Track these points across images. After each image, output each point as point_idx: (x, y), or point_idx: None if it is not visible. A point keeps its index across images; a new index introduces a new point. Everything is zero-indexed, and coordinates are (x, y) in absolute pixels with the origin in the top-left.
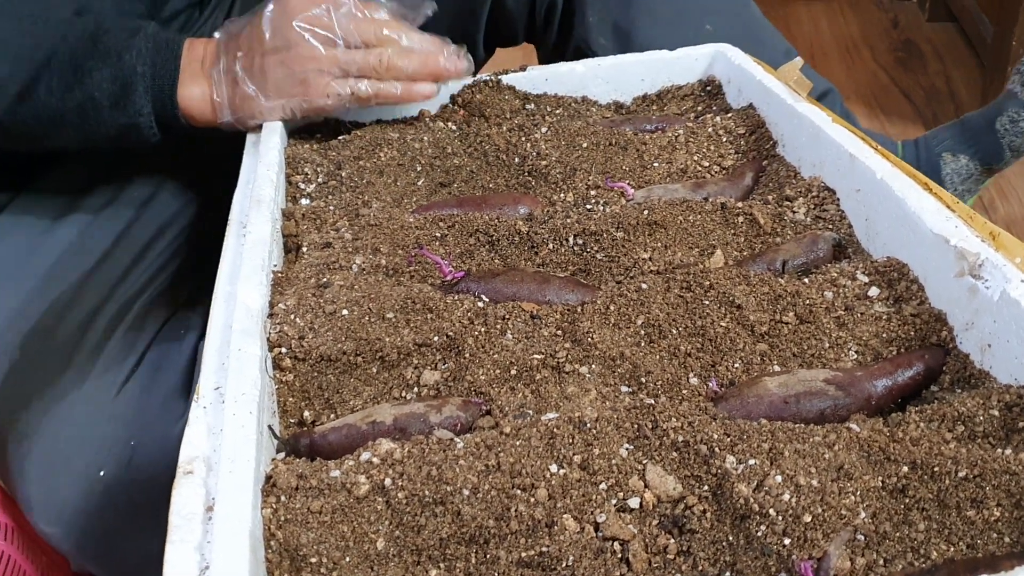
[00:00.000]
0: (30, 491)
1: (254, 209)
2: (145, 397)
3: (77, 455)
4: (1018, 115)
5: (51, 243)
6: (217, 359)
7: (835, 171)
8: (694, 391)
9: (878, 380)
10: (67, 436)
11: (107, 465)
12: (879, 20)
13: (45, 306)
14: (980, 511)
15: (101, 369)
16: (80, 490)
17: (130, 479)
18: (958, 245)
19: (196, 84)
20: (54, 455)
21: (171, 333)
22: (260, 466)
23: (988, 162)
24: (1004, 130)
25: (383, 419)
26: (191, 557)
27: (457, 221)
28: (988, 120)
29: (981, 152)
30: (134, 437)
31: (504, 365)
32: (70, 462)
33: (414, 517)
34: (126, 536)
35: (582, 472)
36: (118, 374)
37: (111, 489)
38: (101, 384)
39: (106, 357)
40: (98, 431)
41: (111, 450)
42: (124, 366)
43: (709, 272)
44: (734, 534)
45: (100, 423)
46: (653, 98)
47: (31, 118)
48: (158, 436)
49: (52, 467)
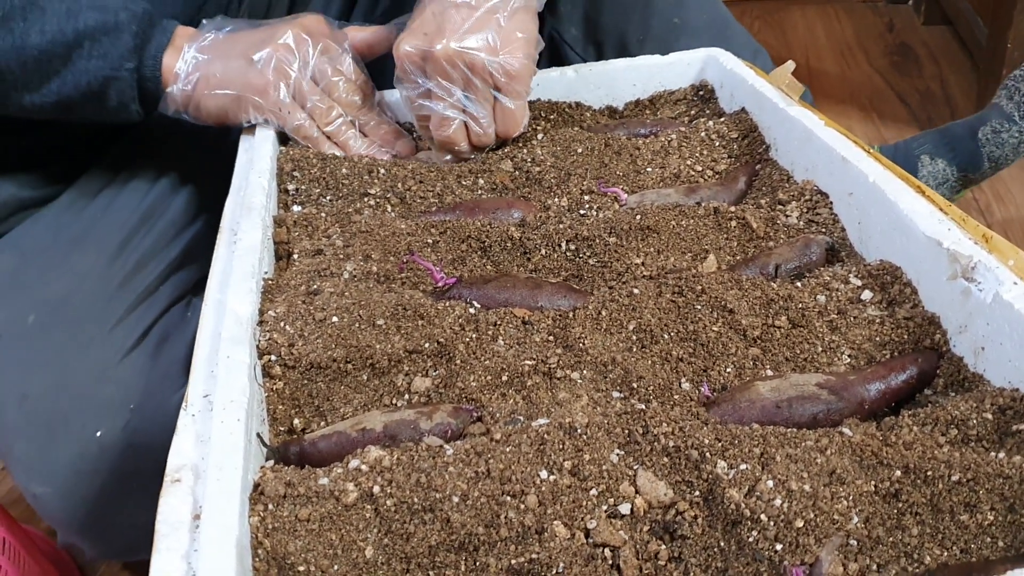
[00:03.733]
0: (24, 450)
1: (245, 216)
2: (149, 364)
3: (75, 414)
4: (1001, 126)
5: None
6: (206, 367)
7: (828, 175)
8: (686, 396)
9: (871, 384)
10: (67, 396)
11: (104, 426)
12: (874, 23)
13: (63, 275)
14: (974, 515)
15: (108, 337)
16: (75, 450)
17: (126, 442)
18: (951, 248)
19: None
20: (52, 413)
21: (178, 313)
22: (248, 474)
23: (965, 169)
24: (985, 139)
25: (373, 426)
26: (178, 566)
27: (449, 227)
28: (971, 129)
29: (959, 158)
30: (133, 401)
31: (495, 371)
32: (67, 421)
33: (403, 525)
34: (117, 502)
35: (572, 478)
36: (125, 340)
37: (106, 451)
38: (106, 350)
39: (115, 326)
40: (99, 391)
41: (110, 411)
42: (131, 336)
43: (701, 277)
44: (725, 540)
45: (101, 385)
46: (646, 103)
47: (10, 52)
48: (157, 404)
49: (49, 425)
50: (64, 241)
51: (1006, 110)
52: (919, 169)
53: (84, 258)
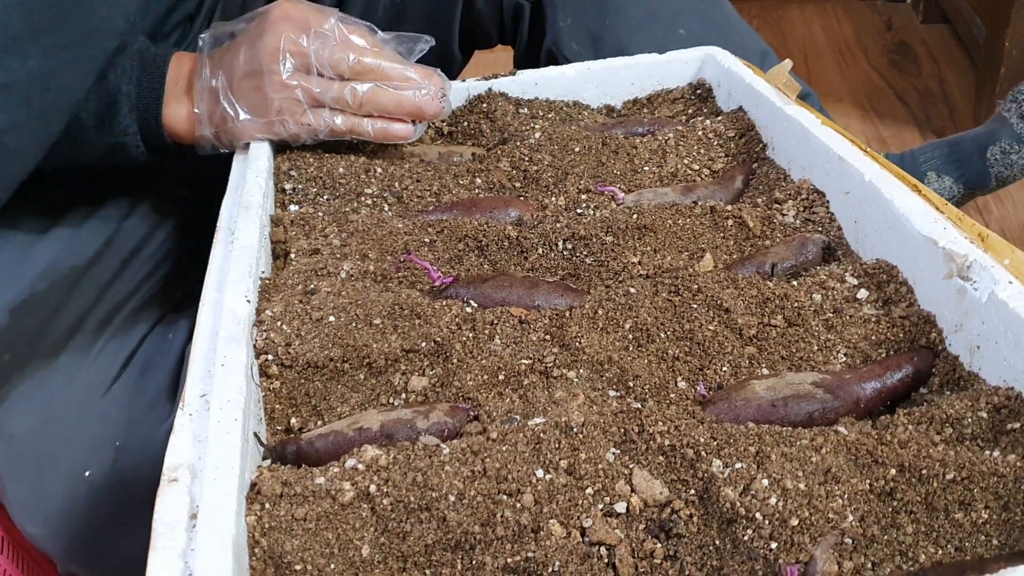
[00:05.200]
0: (15, 491)
1: (242, 215)
2: (132, 398)
3: (62, 455)
4: (1010, 147)
5: (40, 248)
6: (203, 366)
7: (824, 173)
8: (682, 395)
9: (867, 383)
10: (53, 435)
11: (92, 465)
12: (873, 22)
13: (34, 308)
14: (968, 513)
15: (89, 369)
16: (65, 490)
17: (115, 479)
18: (946, 247)
19: (181, 102)
20: (40, 455)
21: (160, 336)
22: (245, 473)
23: (972, 187)
24: (994, 159)
25: (370, 425)
26: (174, 564)
27: (446, 226)
28: (980, 147)
29: (967, 176)
30: (120, 437)
31: (492, 370)
32: (55, 462)
33: (399, 523)
34: (111, 537)
35: (568, 477)
36: (106, 375)
37: (96, 490)
38: (88, 384)
39: (94, 358)
40: (84, 431)
41: (96, 450)
42: (112, 367)
43: (697, 276)
44: (721, 538)
45: (86, 423)
46: (643, 102)
47: None
48: (144, 437)
49: (37, 467)
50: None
51: (1016, 129)
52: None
53: (53, 290)
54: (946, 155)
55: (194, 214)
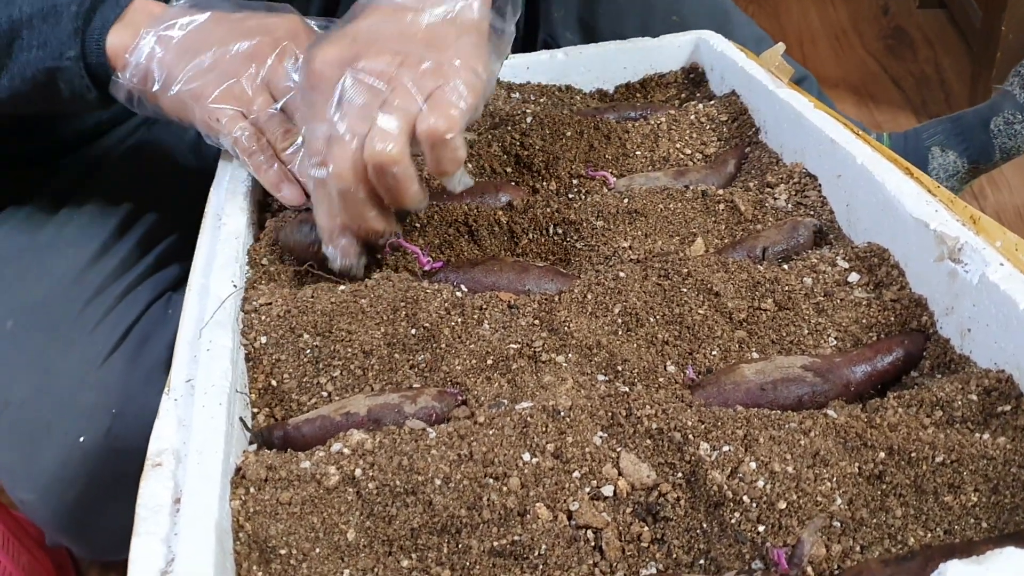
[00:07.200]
0: (8, 457)
1: (229, 200)
2: (130, 368)
3: (58, 421)
4: (1014, 117)
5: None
6: (189, 352)
7: (816, 157)
8: (671, 379)
9: (857, 366)
10: (49, 402)
11: (87, 432)
12: (869, 7)
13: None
14: (957, 496)
15: (87, 340)
16: (58, 456)
17: (108, 447)
18: (938, 229)
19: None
20: (35, 420)
21: (159, 311)
22: (230, 458)
23: (976, 160)
24: (998, 130)
25: (357, 410)
26: (157, 549)
27: (436, 211)
28: (983, 119)
29: (971, 150)
30: (115, 405)
31: (480, 355)
32: (50, 427)
33: (385, 507)
34: (101, 507)
35: (555, 460)
36: (104, 345)
37: (89, 457)
38: (87, 353)
39: (93, 329)
40: (80, 398)
41: (92, 417)
42: (111, 338)
43: (687, 260)
44: (708, 521)
45: (83, 390)
46: (636, 86)
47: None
48: (139, 407)
49: (32, 432)
50: (40, 246)
51: (1019, 100)
52: (929, 161)
53: (61, 262)
54: (949, 129)
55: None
